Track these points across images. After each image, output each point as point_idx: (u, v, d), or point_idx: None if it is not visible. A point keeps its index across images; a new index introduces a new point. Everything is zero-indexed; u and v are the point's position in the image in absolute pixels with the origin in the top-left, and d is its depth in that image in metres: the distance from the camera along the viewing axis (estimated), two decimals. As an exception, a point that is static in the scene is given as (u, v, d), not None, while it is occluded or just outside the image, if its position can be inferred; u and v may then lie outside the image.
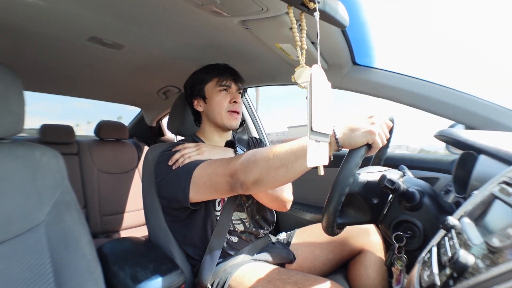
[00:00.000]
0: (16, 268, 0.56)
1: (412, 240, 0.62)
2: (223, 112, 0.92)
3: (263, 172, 0.63)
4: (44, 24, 0.82)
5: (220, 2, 0.66)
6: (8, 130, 0.60)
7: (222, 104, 0.91)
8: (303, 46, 0.53)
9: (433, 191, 0.66)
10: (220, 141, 0.97)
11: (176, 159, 0.82)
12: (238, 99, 0.93)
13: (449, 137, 0.69)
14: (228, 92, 0.93)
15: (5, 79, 0.60)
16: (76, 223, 0.65)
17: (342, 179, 0.59)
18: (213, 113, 0.93)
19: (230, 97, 0.92)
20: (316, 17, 0.50)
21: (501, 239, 0.32)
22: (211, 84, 0.93)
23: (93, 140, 1.92)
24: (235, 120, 0.93)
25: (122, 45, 0.98)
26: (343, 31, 0.85)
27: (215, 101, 0.92)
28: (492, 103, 0.85)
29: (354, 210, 0.70)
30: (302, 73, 0.50)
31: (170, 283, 0.75)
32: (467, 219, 0.43)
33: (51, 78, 1.36)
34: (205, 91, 0.94)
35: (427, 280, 0.39)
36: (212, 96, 0.93)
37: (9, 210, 0.57)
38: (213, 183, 0.73)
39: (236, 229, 0.90)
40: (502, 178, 0.45)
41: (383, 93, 0.99)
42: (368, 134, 0.58)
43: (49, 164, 0.65)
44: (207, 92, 0.94)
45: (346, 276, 0.95)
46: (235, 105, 0.92)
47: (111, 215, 1.83)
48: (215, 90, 0.93)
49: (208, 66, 0.97)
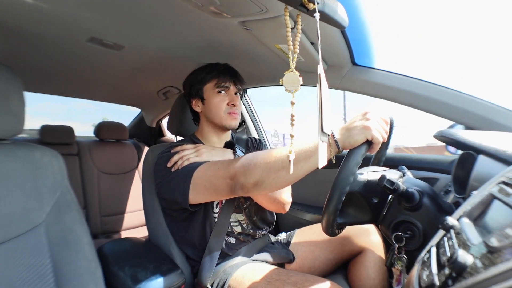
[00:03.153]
0: (16, 268, 0.56)
1: (411, 240, 0.62)
2: (222, 113, 0.91)
3: (264, 174, 0.63)
4: (45, 25, 0.82)
5: (220, 3, 0.66)
6: (8, 130, 0.61)
7: (221, 106, 0.90)
8: (295, 50, 0.53)
9: (433, 192, 0.66)
10: (218, 141, 0.97)
11: (175, 161, 0.82)
12: (237, 102, 0.92)
13: (449, 137, 0.69)
14: (227, 93, 0.92)
15: (5, 79, 0.60)
16: (76, 224, 0.65)
17: (342, 178, 0.59)
18: (211, 114, 0.92)
19: (229, 99, 0.91)
20: (316, 18, 0.50)
21: (500, 239, 0.32)
22: (210, 85, 0.92)
23: (93, 141, 1.92)
24: (234, 120, 0.92)
25: (122, 46, 0.98)
26: (343, 32, 0.85)
27: (213, 103, 0.91)
28: (492, 103, 0.85)
29: (354, 209, 0.70)
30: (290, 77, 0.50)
31: (170, 283, 0.75)
32: (466, 219, 0.43)
33: (51, 78, 1.36)
34: (203, 91, 0.93)
35: (426, 280, 0.39)
36: (210, 97, 0.91)
37: (9, 211, 0.57)
38: (213, 186, 0.73)
39: (234, 230, 0.89)
40: (501, 178, 0.45)
41: (383, 94, 0.99)
42: (365, 130, 0.58)
43: (49, 165, 0.65)
44: (206, 93, 0.92)
45: (346, 276, 0.95)
46: (233, 108, 0.91)
47: (111, 215, 1.83)
48: (214, 91, 0.91)
49: (208, 66, 0.95)
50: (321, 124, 0.47)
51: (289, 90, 0.50)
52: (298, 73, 0.50)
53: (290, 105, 0.51)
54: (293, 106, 0.50)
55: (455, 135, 0.68)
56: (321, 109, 0.47)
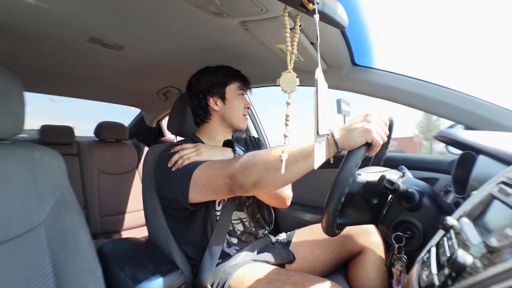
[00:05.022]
0: (16, 268, 0.56)
1: (411, 240, 0.63)
2: (240, 115, 0.96)
3: (262, 174, 0.64)
4: (45, 25, 0.82)
5: (220, 3, 0.66)
6: (8, 130, 0.61)
7: (240, 107, 0.96)
8: (293, 51, 0.53)
9: (433, 192, 0.66)
10: (223, 139, 0.98)
11: (175, 160, 0.83)
12: (250, 106, 1.00)
13: (449, 137, 0.69)
14: (243, 97, 0.99)
15: (5, 79, 0.60)
16: (76, 224, 0.65)
17: (341, 179, 0.59)
18: (231, 114, 0.95)
19: (244, 102, 0.98)
20: (316, 19, 0.50)
21: (499, 239, 0.32)
22: (233, 87, 0.96)
23: (93, 141, 1.92)
24: (245, 122, 0.99)
25: (122, 46, 0.98)
26: (342, 32, 0.85)
27: (234, 104, 0.95)
28: (492, 103, 0.85)
29: (353, 210, 0.70)
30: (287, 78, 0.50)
31: (170, 283, 0.75)
32: (466, 219, 0.43)
33: (51, 79, 1.36)
34: (225, 91, 0.95)
35: (426, 280, 0.39)
36: (233, 98, 0.96)
37: (9, 211, 0.57)
38: (213, 185, 0.74)
39: (236, 229, 0.90)
40: (500, 178, 0.45)
41: (383, 94, 0.99)
42: (365, 132, 0.58)
43: (49, 165, 0.65)
44: (228, 94, 0.95)
45: (346, 276, 0.95)
46: (247, 110, 0.99)
47: (111, 215, 1.83)
48: (236, 93, 0.96)
49: (225, 67, 0.99)
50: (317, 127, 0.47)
51: (285, 91, 0.50)
52: (295, 74, 0.50)
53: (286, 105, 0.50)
54: (289, 107, 0.50)
55: (455, 135, 0.68)
56: (317, 111, 0.47)
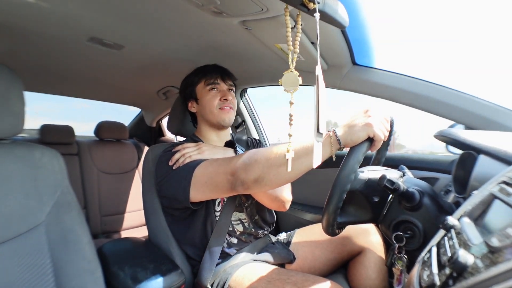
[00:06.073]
0: (16, 268, 0.56)
1: (412, 240, 0.62)
2: (215, 110, 0.92)
3: (264, 170, 0.64)
4: (45, 24, 0.82)
5: (220, 3, 0.66)
6: (8, 130, 0.61)
7: (213, 102, 0.92)
8: (295, 50, 0.53)
9: (433, 191, 0.66)
10: (218, 140, 0.98)
11: (177, 158, 0.83)
12: (229, 96, 0.93)
13: (449, 137, 0.69)
14: (218, 90, 0.94)
15: (5, 79, 0.60)
16: (76, 223, 0.65)
17: (343, 175, 0.59)
18: (205, 112, 0.94)
19: (220, 95, 0.93)
20: (316, 18, 0.50)
21: (501, 239, 0.32)
22: (201, 85, 0.95)
23: (93, 141, 1.92)
24: (227, 113, 0.93)
25: (122, 46, 0.98)
26: (343, 31, 0.85)
27: (205, 100, 0.93)
28: (492, 103, 0.85)
29: (354, 208, 0.70)
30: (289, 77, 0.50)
31: (170, 283, 0.75)
32: (466, 219, 0.43)
33: (51, 78, 1.36)
34: (196, 92, 0.96)
35: (427, 280, 0.39)
36: (203, 96, 0.94)
37: (10, 210, 0.57)
38: (214, 182, 0.74)
39: (236, 230, 0.90)
40: (501, 178, 0.45)
41: (383, 93, 0.99)
42: (367, 127, 0.58)
43: (49, 164, 0.65)
44: (198, 93, 0.96)
45: (346, 276, 0.95)
46: (226, 102, 0.93)
47: (111, 215, 1.83)
48: (205, 90, 0.94)
49: (198, 68, 0.98)
50: (317, 125, 0.47)
51: (288, 90, 0.50)
52: (298, 73, 0.50)
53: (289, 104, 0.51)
54: (292, 106, 0.50)
55: (455, 135, 0.68)
56: (317, 110, 0.47)
